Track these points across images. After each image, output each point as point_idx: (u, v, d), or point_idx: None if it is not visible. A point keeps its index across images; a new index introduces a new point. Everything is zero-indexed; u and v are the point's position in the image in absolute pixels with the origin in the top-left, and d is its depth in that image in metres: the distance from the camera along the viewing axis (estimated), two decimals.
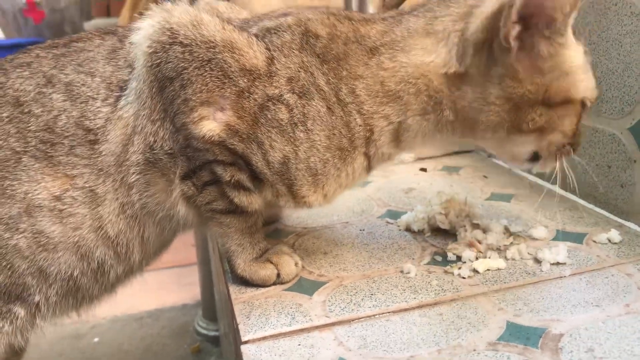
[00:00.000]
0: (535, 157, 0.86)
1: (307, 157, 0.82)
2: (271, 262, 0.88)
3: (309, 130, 0.80)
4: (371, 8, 1.41)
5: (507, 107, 0.79)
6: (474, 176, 1.31)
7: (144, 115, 0.82)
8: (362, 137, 0.83)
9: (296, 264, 0.90)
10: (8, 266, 0.83)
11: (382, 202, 1.19)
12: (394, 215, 1.11)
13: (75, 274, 0.86)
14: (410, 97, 0.81)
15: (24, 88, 0.85)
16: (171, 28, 0.79)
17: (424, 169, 1.39)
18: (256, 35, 0.82)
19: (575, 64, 0.78)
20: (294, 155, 0.81)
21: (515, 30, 0.73)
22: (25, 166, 0.83)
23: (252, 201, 0.86)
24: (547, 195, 1.16)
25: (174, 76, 0.79)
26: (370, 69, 0.81)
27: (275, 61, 0.80)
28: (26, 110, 0.84)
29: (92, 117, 0.83)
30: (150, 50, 0.80)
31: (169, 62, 0.79)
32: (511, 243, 0.95)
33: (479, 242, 0.94)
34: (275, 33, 0.82)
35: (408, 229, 1.04)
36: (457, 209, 1.02)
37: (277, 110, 0.79)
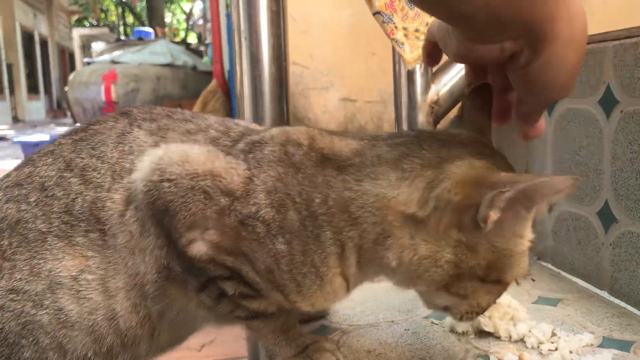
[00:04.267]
0: (447, 309, 0.86)
1: (290, 269, 0.82)
2: (312, 359, 0.91)
3: (287, 242, 0.81)
4: (420, 116, 1.49)
5: (452, 273, 0.77)
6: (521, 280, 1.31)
7: (150, 242, 0.86)
8: (335, 254, 0.82)
9: None
10: (35, 341, 0.87)
11: None
12: (440, 315, 1.12)
13: (89, 355, 0.88)
14: (369, 226, 0.80)
15: (48, 174, 0.91)
16: (160, 167, 0.84)
17: None
18: (243, 151, 0.87)
19: (524, 248, 0.78)
20: (276, 266, 0.82)
21: (497, 215, 0.71)
22: (50, 245, 0.88)
23: (267, 305, 0.88)
24: (595, 301, 1.16)
25: (164, 209, 0.83)
26: (337, 185, 0.81)
27: (254, 178, 0.83)
28: (50, 194, 0.90)
29: (100, 206, 0.88)
30: (146, 189, 0.85)
31: (160, 198, 0.83)
32: (556, 348, 0.95)
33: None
34: (258, 146, 0.86)
35: (453, 330, 1.05)
36: (501, 311, 1.03)
37: (255, 225, 0.81)
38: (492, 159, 0.81)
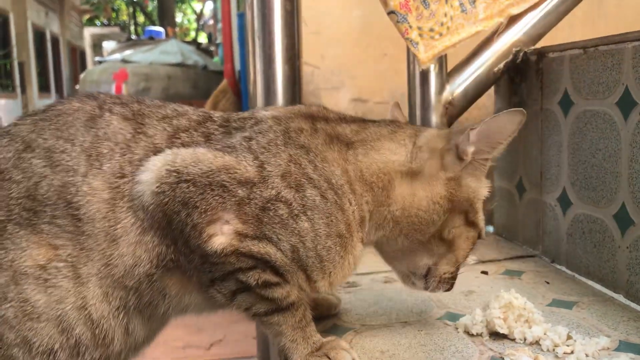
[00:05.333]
0: (426, 274, 1.00)
1: (315, 246, 0.88)
2: (328, 358, 0.90)
3: (310, 219, 0.88)
4: (434, 117, 1.48)
5: (446, 208, 0.95)
6: (536, 281, 1.31)
7: (153, 241, 0.86)
8: (357, 220, 0.93)
9: None
10: None
11: (441, 303, 1.20)
12: (453, 317, 1.11)
13: (55, 348, 0.86)
14: (378, 190, 0.95)
15: (4, 155, 0.87)
16: (176, 170, 0.86)
17: (485, 272, 1.39)
18: (244, 138, 0.91)
19: (486, 194, 0.99)
20: (301, 245, 0.87)
21: (472, 148, 0.94)
22: (10, 234, 0.84)
23: (289, 292, 0.90)
24: (610, 304, 1.15)
25: (180, 209, 0.84)
26: (349, 157, 0.95)
27: (265, 165, 0.88)
28: (7, 177, 0.86)
29: (73, 191, 0.85)
30: (159, 190, 0.85)
31: (176, 198, 0.84)
32: (572, 352, 0.94)
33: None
34: (259, 134, 0.91)
35: (466, 332, 1.04)
36: (516, 313, 1.02)
37: (277, 208, 0.86)
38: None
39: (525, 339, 0.99)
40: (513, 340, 1.00)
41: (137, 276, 0.87)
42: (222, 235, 0.85)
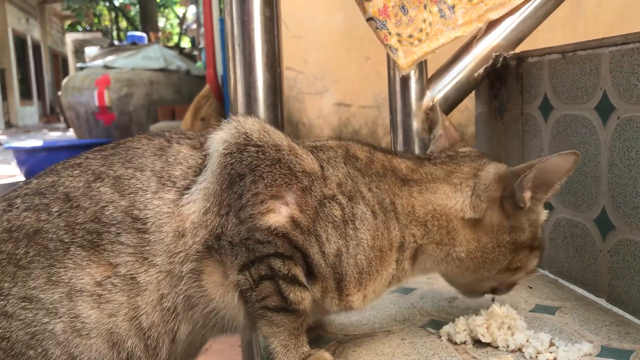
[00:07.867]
0: (491, 291, 1.09)
1: (356, 254, 0.91)
2: None
3: (357, 228, 0.92)
4: (415, 123, 1.48)
5: (512, 249, 1.00)
6: (519, 287, 1.30)
7: (213, 211, 0.90)
8: (398, 242, 0.97)
9: None
10: (43, 353, 0.86)
11: (424, 311, 1.20)
12: (437, 325, 1.11)
13: None
14: (434, 227, 0.99)
15: (74, 185, 0.93)
16: (246, 132, 0.93)
17: None
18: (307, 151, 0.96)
19: (542, 221, 1.04)
20: (345, 249, 0.91)
21: (529, 194, 0.97)
22: (72, 255, 0.88)
23: (304, 297, 0.91)
24: (593, 309, 1.15)
25: (246, 172, 0.89)
26: (403, 192, 0.99)
27: (325, 170, 0.93)
28: (75, 204, 0.91)
29: (141, 207, 0.90)
30: (226, 152, 0.92)
31: (242, 161, 0.90)
32: (554, 359, 0.94)
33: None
34: (320, 150, 0.97)
35: (450, 340, 1.04)
36: (499, 321, 1.02)
37: (332, 207, 0.91)
38: (496, 160, 1.05)
39: (508, 346, 0.99)
40: (496, 347, 0.99)
41: (191, 257, 0.89)
42: (278, 214, 0.89)
